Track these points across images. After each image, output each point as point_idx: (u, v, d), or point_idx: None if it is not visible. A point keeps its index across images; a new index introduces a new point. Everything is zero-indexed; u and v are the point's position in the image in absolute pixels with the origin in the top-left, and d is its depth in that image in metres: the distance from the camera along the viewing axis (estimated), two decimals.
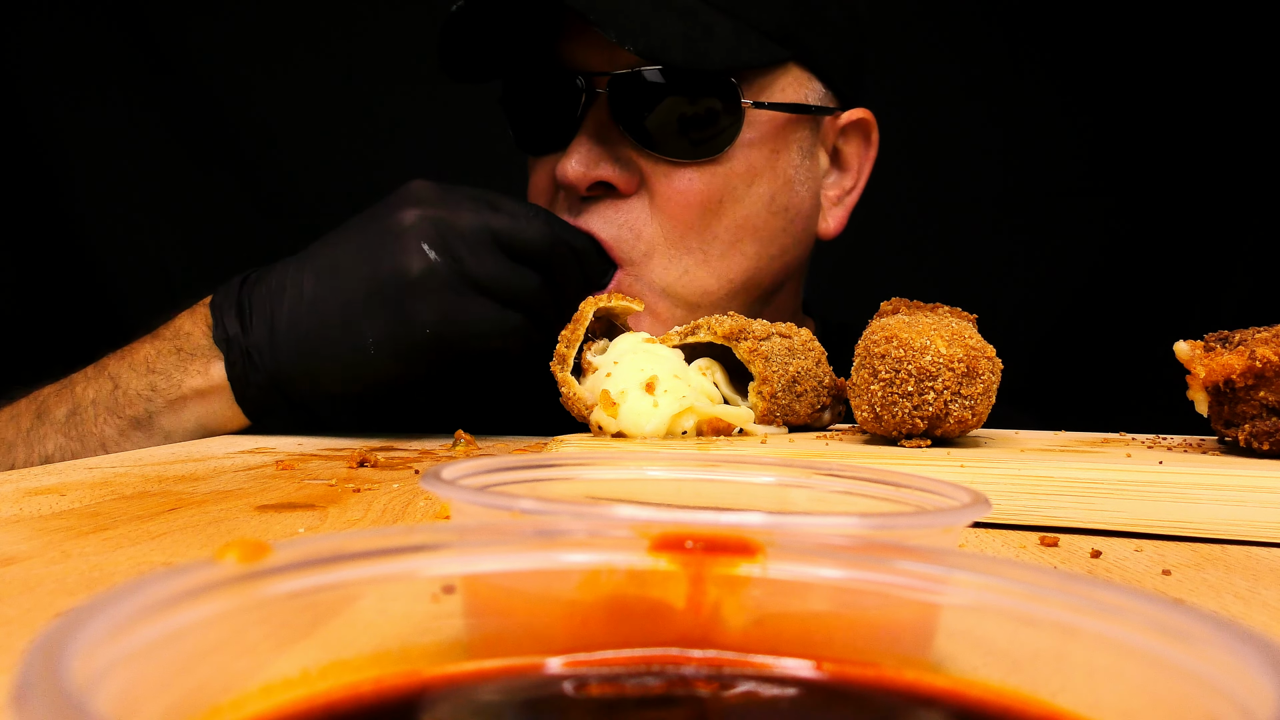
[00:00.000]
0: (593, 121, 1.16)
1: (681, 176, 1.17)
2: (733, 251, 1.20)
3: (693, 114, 1.16)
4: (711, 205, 1.18)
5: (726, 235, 1.19)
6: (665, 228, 1.17)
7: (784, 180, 1.23)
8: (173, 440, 1.11)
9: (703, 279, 1.20)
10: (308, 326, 1.07)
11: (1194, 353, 0.76)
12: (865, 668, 0.30)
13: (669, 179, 1.17)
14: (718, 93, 1.16)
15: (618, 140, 1.17)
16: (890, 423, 0.77)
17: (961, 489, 0.39)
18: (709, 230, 1.18)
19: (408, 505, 0.68)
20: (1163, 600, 0.26)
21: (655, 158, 1.16)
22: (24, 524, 0.59)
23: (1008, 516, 0.66)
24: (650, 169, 1.17)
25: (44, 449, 1.11)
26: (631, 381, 0.84)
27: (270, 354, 1.09)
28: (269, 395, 1.11)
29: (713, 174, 1.17)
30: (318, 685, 0.27)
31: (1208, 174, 2.12)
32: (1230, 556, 0.58)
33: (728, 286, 1.21)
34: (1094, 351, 2.18)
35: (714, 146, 1.17)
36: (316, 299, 1.07)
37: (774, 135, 1.21)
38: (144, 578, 0.24)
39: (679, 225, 1.17)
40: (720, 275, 1.20)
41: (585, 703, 0.28)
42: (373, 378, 1.10)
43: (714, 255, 1.19)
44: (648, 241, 1.17)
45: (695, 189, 1.17)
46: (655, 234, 1.17)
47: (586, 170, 1.14)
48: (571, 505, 0.32)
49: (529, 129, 1.26)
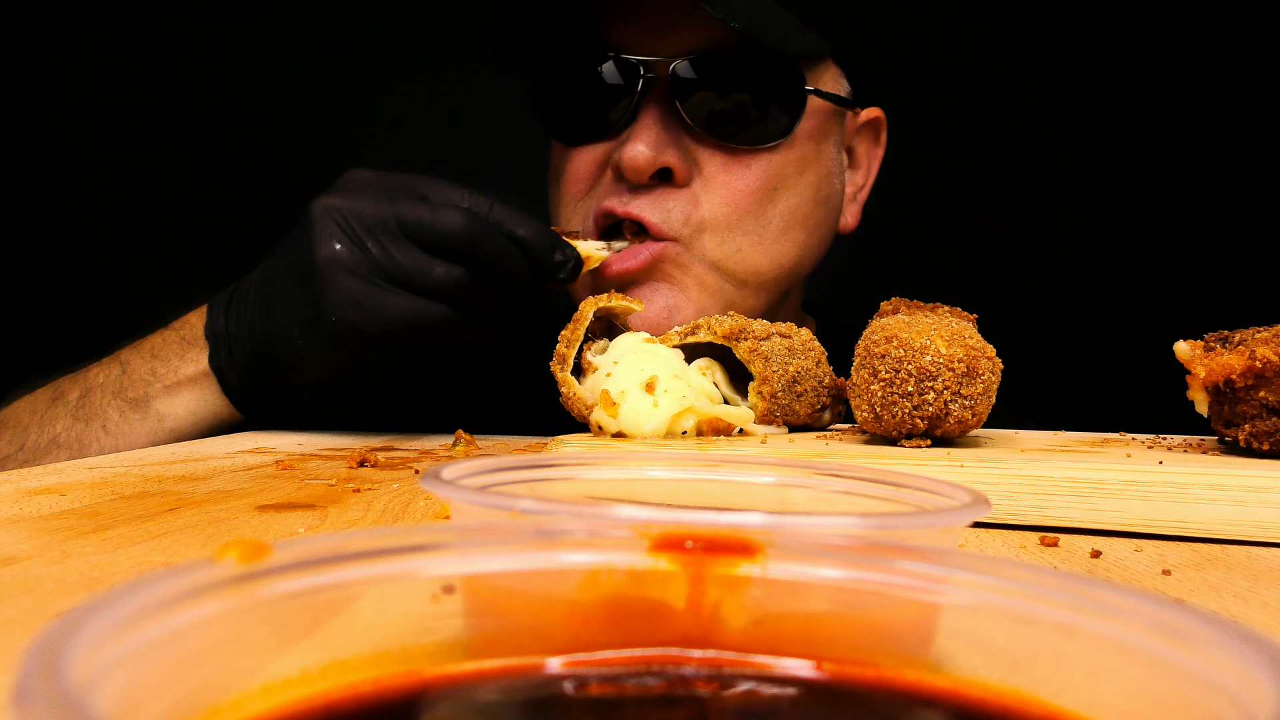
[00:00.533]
0: (653, 109, 1.14)
1: (739, 164, 1.16)
2: (784, 238, 1.21)
3: (756, 102, 1.16)
4: (767, 192, 1.18)
5: (779, 222, 1.20)
6: (719, 213, 1.16)
7: (825, 171, 1.25)
8: (166, 424, 1.12)
9: (755, 259, 1.19)
10: (253, 317, 1.10)
11: (1194, 353, 0.76)
12: (865, 668, 0.30)
13: (727, 167, 1.16)
14: (784, 80, 1.16)
15: (676, 130, 1.15)
16: (890, 423, 0.77)
17: (961, 489, 0.39)
18: (763, 216, 1.18)
19: (408, 505, 0.68)
20: (1163, 600, 0.26)
21: (716, 145, 1.15)
22: (24, 524, 0.59)
23: (1008, 516, 0.66)
24: (708, 157, 1.16)
25: (53, 429, 1.13)
26: (631, 381, 0.84)
27: (240, 345, 1.11)
28: (249, 386, 1.13)
29: (769, 161, 1.18)
30: (318, 685, 0.27)
31: (1208, 174, 2.12)
32: (1230, 556, 0.58)
33: (776, 270, 1.22)
34: (1094, 351, 2.18)
35: (774, 134, 1.17)
36: (261, 290, 1.10)
37: (819, 127, 1.22)
38: (144, 578, 0.24)
39: (735, 211, 1.17)
40: (772, 259, 1.21)
41: (585, 703, 0.28)
42: (311, 368, 1.10)
43: (768, 239, 1.20)
44: (697, 223, 1.16)
45: (753, 175, 1.17)
46: (706, 217, 1.16)
47: (656, 155, 1.12)
48: (571, 505, 0.32)
49: (570, 116, 1.22)
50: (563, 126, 1.23)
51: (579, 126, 1.21)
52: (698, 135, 1.15)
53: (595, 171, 1.19)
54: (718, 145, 1.16)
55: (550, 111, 1.24)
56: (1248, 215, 2.13)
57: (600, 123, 1.18)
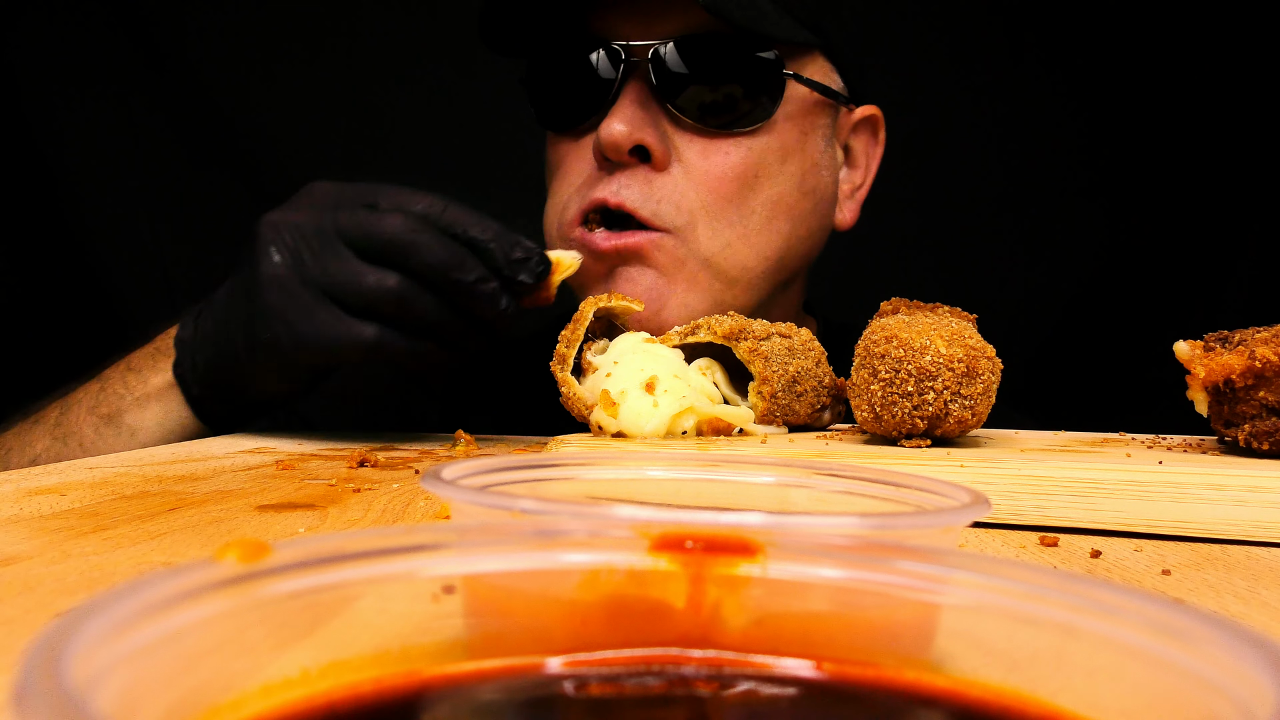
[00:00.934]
0: (632, 91, 1.15)
1: (718, 149, 1.17)
2: (768, 228, 1.21)
3: (734, 85, 1.17)
4: (748, 179, 1.18)
5: (763, 210, 1.20)
6: (704, 200, 1.17)
7: (811, 163, 1.25)
8: (139, 438, 1.10)
9: (743, 254, 1.20)
10: (212, 329, 1.07)
11: (1194, 353, 0.76)
12: (865, 668, 0.30)
13: (705, 153, 1.17)
14: (761, 65, 1.17)
15: (655, 112, 1.16)
16: (890, 423, 0.77)
17: (961, 489, 0.39)
18: (746, 204, 1.19)
19: (408, 505, 0.68)
20: (1163, 600, 0.26)
21: (694, 129, 1.16)
22: (24, 524, 0.59)
23: (1008, 516, 0.66)
24: (686, 142, 1.17)
25: (34, 450, 1.12)
26: (631, 381, 0.84)
27: (202, 355, 1.08)
28: (210, 397, 1.10)
29: (749, 147, 1.18)
30: (318, 685, 0.27)
31: (1208, 174, 2.12)
32: (1230, 556, 0.58)
33: (764, 264, 1.22)
34: (1094, 351, 2.18)
35: (753, 118, 1.18)
36: (221, 302, 1.08)
37: (803, 116, 1.23)
38: (144, 578, 0.24)
39: (717, 198, 1.17)
40: (759, 251, 1.21)
41: (585, 703, 0.28)
42: (261, 385, 1.07)
43: (752, 230, 1.20)
44: (688, 212, 1.16)
45: (732, 161, 1.17)
46: (695, 205, 1.16)
47: (631, 130, 1.12)
48: (571, 505, 0.32)
49: (557, 104, 1.23)
50: (550, 114, 1.24)
51: (564, 113, 1.22)
52: (675, 119, 1.16)
53: (588, 162, 1.19)
54: (695, 129, 1.16)
55: (539, 100, 1.25)
56: (1248, 215, 2.13)
57: (585, 108, 1.19)
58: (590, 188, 1.17)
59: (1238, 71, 2.09)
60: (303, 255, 0.98)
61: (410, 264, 0.96)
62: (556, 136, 1.24)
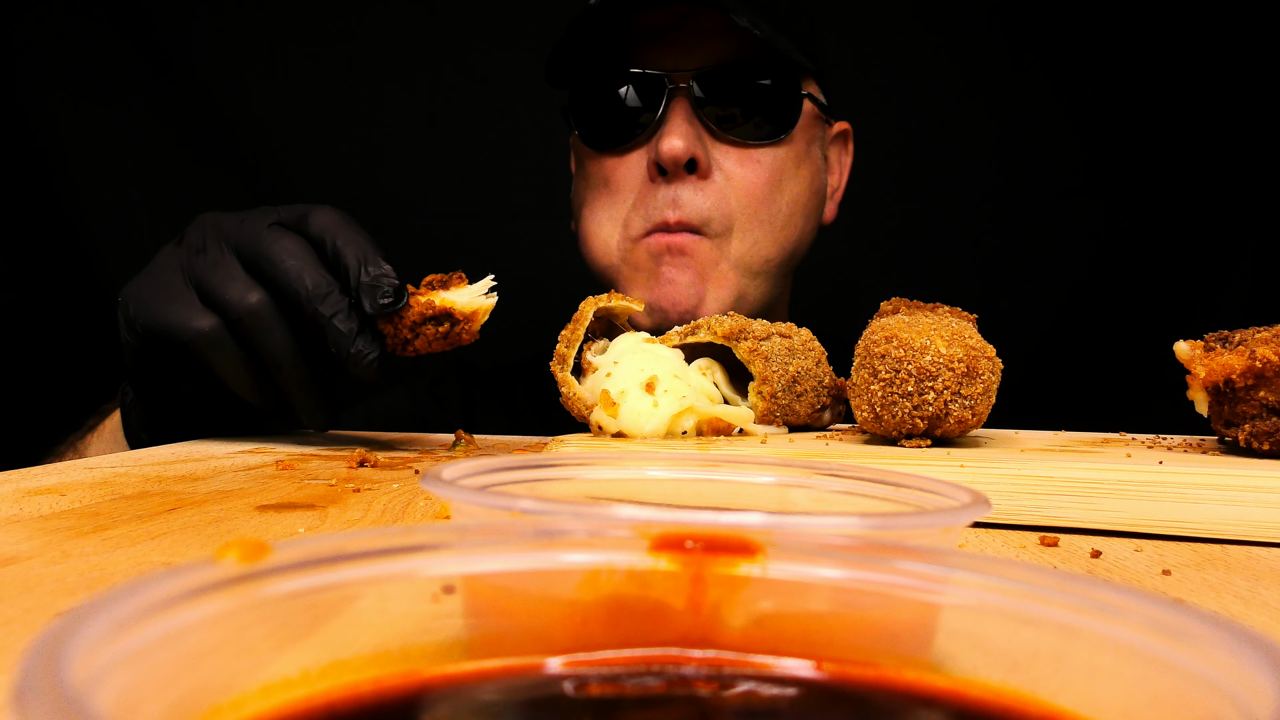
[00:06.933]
0: (680, 111, 1.32)
1: (751, 158, 1.37)
2: (789, 224, 1.41)
3: (764, 104, 1.37)
4: (775, 182, 1.38)
5: (786, 209, 1.40)
6: (742, 203, 1.35)
7: (815, 168, 1.47)
8: None
9: (767, 248, 1.38)
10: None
11: (1194, 353, 0.76)
12: (865, 668, 0.30)
13: (741, 162, 1.36)
14: (785, 86, 1.38)
15: (699, 129, 1.34)
16: (890, 423, 0.77)
17: (961, 489, 0.39)
18: (774, 205, 1.38)
19: (408, 505, 0.68)
20: (1163, 600, 0.26)
21: (732, 141, 1.35)
22: (24, 524, 0.59)
23: (1008, 516, 0.66)
24: (723, 154, 1.35)
25: None
26: (631, 381, 0.84)
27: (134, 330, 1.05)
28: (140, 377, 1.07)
29: (775, 155, 1.38)
30: (318, 685, 0.27)
31: (1207, 174, 2.12)
32: (1230, 556, 0.58)
33: (782, 255, 1.41)
34: (1094, 351, 2.18)
35: (779, 130, 1.38)
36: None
37: (808, 128, 1.44)
38: (144, 578, 0.24)
39: (753, 200, 1.36)
40: (780, 245, 1.40)
41: (585, 703, 0.28)
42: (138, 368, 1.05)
43: (777, 226, 1.39)
44: (730, 218, 1.35)
45: (764, 169, 1.37)
46: (734, 209, 1.35)
47: (688, 145, 1.30)
48: (571, 505, 0.32)
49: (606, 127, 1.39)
50: (599, 136, 1.40)
51: (613, 134, 1.39)
52: (715, 134, 1.35)
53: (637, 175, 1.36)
54: (733, 142, 1.35)
55: (586, 124, 1.41)
56: (1248, 215, 2.13)
57: (632, 129, 1.36)
58: (647, 203, 1.34)
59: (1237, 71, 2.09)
60: (195, 250, 0.98)
61: (278, 287, 0.94)
62: (599, 155, 1.40)
